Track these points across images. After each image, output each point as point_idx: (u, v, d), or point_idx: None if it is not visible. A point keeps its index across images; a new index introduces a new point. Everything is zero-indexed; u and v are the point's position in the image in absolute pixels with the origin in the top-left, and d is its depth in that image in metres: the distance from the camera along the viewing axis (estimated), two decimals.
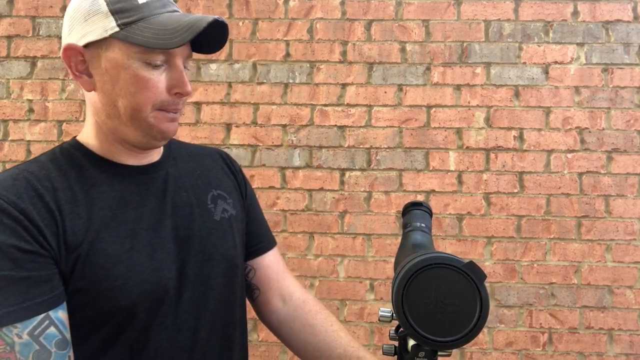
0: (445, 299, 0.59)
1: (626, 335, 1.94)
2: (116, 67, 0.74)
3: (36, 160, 0.79)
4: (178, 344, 0.79)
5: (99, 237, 0.74)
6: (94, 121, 0.81)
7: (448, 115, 2.02)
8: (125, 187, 0.80)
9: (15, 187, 0.72)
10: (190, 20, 0.74)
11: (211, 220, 0.88)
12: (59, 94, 2.08)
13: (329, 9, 2.06)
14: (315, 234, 2.01)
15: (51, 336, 0.68)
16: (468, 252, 1.98)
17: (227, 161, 0.99)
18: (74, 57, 0.76)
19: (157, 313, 0.77)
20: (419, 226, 0.85)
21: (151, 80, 0.75)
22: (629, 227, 1.96)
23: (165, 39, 0.72)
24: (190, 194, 0.87)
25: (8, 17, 2.09)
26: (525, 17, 2.03)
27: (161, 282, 0.77)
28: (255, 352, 1.98)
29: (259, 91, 2.05)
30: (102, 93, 0.77)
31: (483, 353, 1.96)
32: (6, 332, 0.65)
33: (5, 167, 2.06)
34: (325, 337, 0.94)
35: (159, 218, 0.81)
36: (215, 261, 0.85)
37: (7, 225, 0.68)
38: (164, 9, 0.76)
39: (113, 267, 0.73)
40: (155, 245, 0.79)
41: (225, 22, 0.77)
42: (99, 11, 0.73)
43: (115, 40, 0.74)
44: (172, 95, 0.78)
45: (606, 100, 1.99)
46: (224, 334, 0.86)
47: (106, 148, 0.81)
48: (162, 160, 0.87)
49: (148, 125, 0.77)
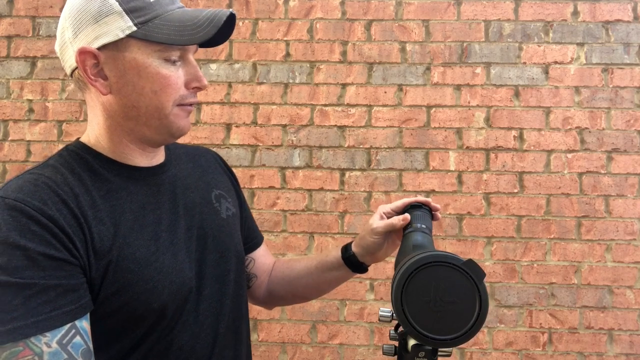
0: (444, 297, 0.59)
1: (626, 335, 1.93)
2: (136, 67, 0.73)
3: (48, 165, 0.76)
4: (200, 341, 0.81)
5: (126, 241, 0.74)
6: (107, 125, 0.78)
7: (448, 115, 2.02)
8: (140, 190, 0.80)
9: (38, 193, 0.69)
10: (208, 15, 0.74)
11: (219, 219, 0.90)
12: (59, 94, 2.08)
13: (329, 9, 2.06)
14: (315, 234, 2.01)
15: (78, 345, 0.67)
16: (468, 252, 1.98)
17: (220, 161, 1.01)
18: (88, 61, 0.74)
19: (182, 312, 0.78)
20: (419, 227, 0.86)
21: (172, 76, 0.75)
22: (629, 227, 1.96)
23: (189, 34, 0.72)
24: (196, 194, 0.88)
25: (8, 17, 2.09)
26: (525, 17, 2.03)
27: (185, 282, 0.78)
28: (255, 352, 1.98)
29: (259, 91, 2.05)
30: (120, 95, 0.75)
31: (483, 353, 1.95)
32: (35, 341, 0.63)
33: (5, 167, 2.06)
34: (299, 265, 1.05)
35: (174, 219, 0.82)
36: (228, 258, 0.88)
37: (36, 232, 0.66)
38: (174, 5, 0.76)
39: (143, 270, 0.74)
40: (176, 246, 0.80)
41: (236, 16, 0.78)
42: (112, 11, 0.71)
43: (132, 39, 0.72)
44: (190, 89, 0.78)
45: (606, 100, 1.99)
46: (236, 327, 0.89)
47: (119, 150, 0.79)
48: (167, 161, 0.88)
49: (168, 123, 0.77)
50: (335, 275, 1.03)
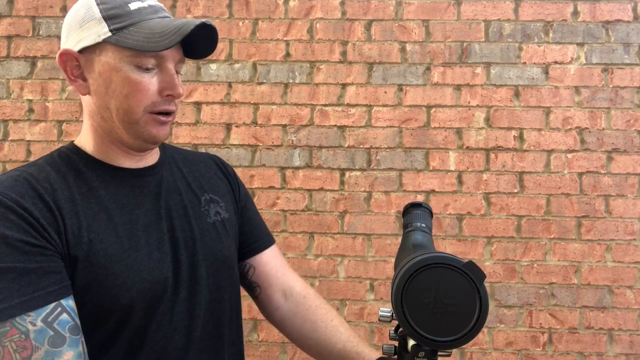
0: (444, 298, 0.59)
1: (626, 335, 1.94)
2: (109, 70, 0.78)
3: (35, 164, 0.81)
4: (174, 343, 0.81)
5: (98, 237, 0.76)
6: (90, 124, 0.84)
7: (448, 115, 2.02)
8: (120, 190, 0.82)
9: (17, 187, 0.74)
10: (178, 24, 0.77)
11: (205, 223, 0.90)
12: (59, 94, 2.08)
13: (329, 9, 2.06)
14: (315, 234, 2.01)
15: (64, 322, 0.70)
16: (468, 252, 1.98)
17: (221, 166, 1.02)
18: (69, 62, 0.80)
19: (156, 312, 0.79)
20: (419, 226, 0.85)
21: (142, 82, 0.78)
22: (629, 227, 1.96)
23: (155, 41, 0.75)
24: (184, 197, 0.90)
25: (8, 17, 2.09)
26: (525, 17, 2.03)
27: (159, 281, 0.79)
28: (255, 352, 1.98)
29: (259, 91, 2.05)
30: (96, 96, 0.80)
31: (483, 353, 1.96)
32: (20, 321, 0.67)
33: (5, 167, 2.07)
34: (325, 332, 0.96)
35: (154, 220, 0.83)
36: (208, 262, 0.88)
37: (14, 221, 0.70)
38: (156, 14, 0.80)
39: (113, 266, 0.75)
40: (152, 245, 0.81)
41: (214, 26, 0.80)
42: (93, 18, 0.77)
43: (108, 44, 0.77)
44: (164, 97, 0.80)
45: (606, 100, 1.99)
46: (217, 333, 0.88)
47: (103, 151, 0.84)
48: (158, 164, 0.90)
49: (139, 128, 0.80)
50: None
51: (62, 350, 0.68)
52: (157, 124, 0.81)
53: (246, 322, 1.94)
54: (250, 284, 1.02)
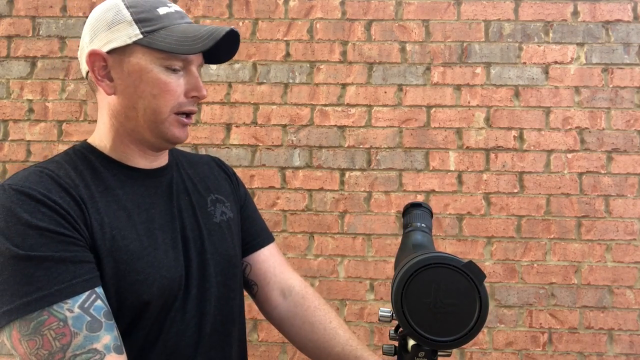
0: (444, 298, 0.59)
1: (626, 335, 1.94)
2: (139, 71, 0.80)
3: (52, 161, 0.83)
4: (185, 339, 0.83)
5: (120, 233, 0.78)
6: (110, 124, 0.85)
7: (448, 115, 2.02)
8: (136, 190, 0.85)
9: (43, 182, 0.75)
10: (209, 30, 0.81)
11: (211, 223, 0.92)
12: (59, 94, 2.08)
13: (329, 9, 2.06)
14: (315, 234, 2.01)
15: (99, 308, 0.72)
16: (468, 252, 1.98)
17: (222, 167, 1.05)
18: (97, 62, 0.82)
19: (171, 308, 0.82)
20: (419, 226, 0.85)
21: (171, 83, 0.81)
22: (629, 227, 1.96)
23: (188, 45, 0.79)
24: (192, 198, 0.92)
25: (8, 17, 2.09)
26: (525, 17, 2.03)
27: (175, 279, 0.82)
28: (255, 352, 1.98)
29: (259, 91, 2.05)
30: (122, 96, 0.82)
31: (483, 353, 1.96)
32: (57, 308, 0.68)
33: (5, 167, 2.06)
34: (324, 335, 0.97)
35: (168, 220, 0.86)
36: (216, 261, 0.90)
37: (45, 213, 0.72)
38: (182, 20, 0.84)
39: (135, 262, 0.77)
40: (168, 244, 0.84)
41: (239, 34, 0.84)
42: (124, 20, 0.80)
43: (138, 46, 0.80)
44: (189, 98, 0.84)
45: (606, 100, 1.99)
46: (225, 330, 0.90)
47: (120, 150, 0.86)
48: (169, 165, 0.93)
49: (164, 128, 0.83)
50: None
51: (100, 334, 0.70)
52: (180, 125, 0.84)
53: (246, 322, 1.94)
54: (247, 282, 1.03)
